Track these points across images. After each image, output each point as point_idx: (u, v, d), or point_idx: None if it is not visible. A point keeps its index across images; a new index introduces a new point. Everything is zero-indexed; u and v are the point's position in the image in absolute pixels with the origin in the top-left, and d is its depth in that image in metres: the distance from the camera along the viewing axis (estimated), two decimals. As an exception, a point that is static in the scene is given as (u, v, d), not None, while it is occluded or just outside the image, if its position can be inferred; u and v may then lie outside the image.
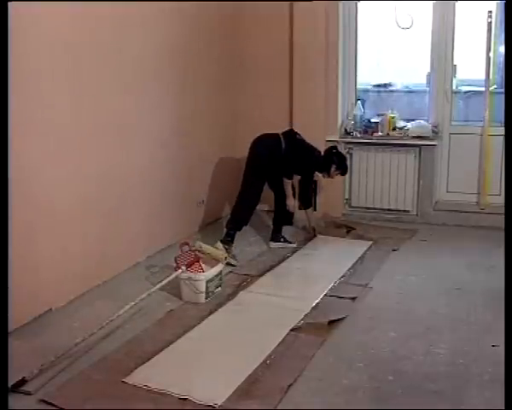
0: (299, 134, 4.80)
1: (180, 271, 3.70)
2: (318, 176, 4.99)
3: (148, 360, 2.98)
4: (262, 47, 5.62)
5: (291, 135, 4.77)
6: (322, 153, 4.85)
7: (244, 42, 5.66)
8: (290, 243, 4.82)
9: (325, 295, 3.80)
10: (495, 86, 5.39)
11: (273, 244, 4.79)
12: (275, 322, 3.41)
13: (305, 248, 4.82)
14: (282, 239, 4.81)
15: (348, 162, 5.53)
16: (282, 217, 4.87)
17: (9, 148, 2.80)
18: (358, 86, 5.75)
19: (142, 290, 3.70)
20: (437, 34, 5.31)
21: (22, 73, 3.19)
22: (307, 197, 4.92)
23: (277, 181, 4.73)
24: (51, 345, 3.08)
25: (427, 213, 5.46)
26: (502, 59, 5.27)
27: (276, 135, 4.68)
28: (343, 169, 4.85)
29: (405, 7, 5.49)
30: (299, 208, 4.92)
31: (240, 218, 4.57)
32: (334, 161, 4.76)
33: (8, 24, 2.63)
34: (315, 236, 5.03)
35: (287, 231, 4.92)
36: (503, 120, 4.62)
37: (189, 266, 3.76)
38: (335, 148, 4.86)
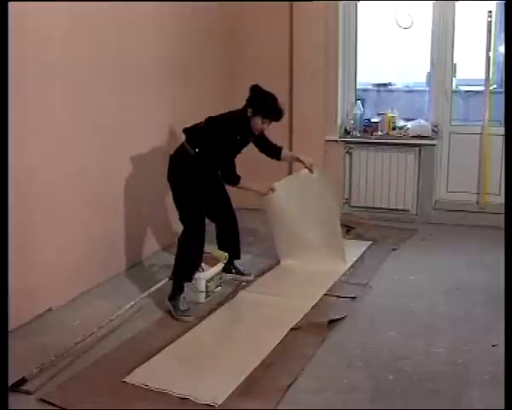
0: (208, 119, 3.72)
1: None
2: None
3: (148, 359, 2.98)
4: (262, 47, 5.62)
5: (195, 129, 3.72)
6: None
7: (244, 42, 5.65)
8: (244, 274, 4.09)
9: (325, 294, 3.81)
10: (495, 86, 5.40)
11: (223, 275, 3.99)
12: (275, 321, 3.41)
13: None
14: (233, 270, 4.08)
15: (348, 162, 5.58)
16: (229, 250, 4.00)
17: (9, 148, 2.81)
18: (358, 86, 5.75)
19: (142, 290, 3.71)
20: (437, 34, 5.31)
21: (22, 73, 3.20)
22: (270, 147, 4.01)
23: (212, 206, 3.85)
24: (51, 344, 3.08)
25: (426, 213, 5.46)
26: (502, 58, 5.28)
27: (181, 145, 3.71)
28: (263, 110, 3.57)
29: (405, 7, 5.50)
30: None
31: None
32: (251, 103, 3.59)
33: (8, 24, 2.63)
34: (310, 170, 4.07)
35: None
36: (502, 119, 4.64)
37: (188, 265, 3.76)
38: (256, 87, 3.68)
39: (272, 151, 4.04)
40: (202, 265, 3.81)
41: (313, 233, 4.23)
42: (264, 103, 3.58)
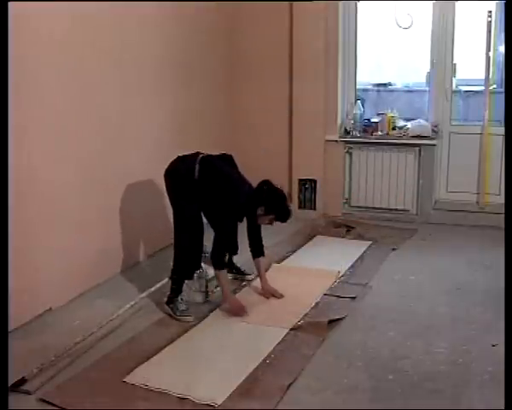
0: (231, 163, 3.76)
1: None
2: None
3: (148, 359, 2.98)
4: (262, 47, 5.62)
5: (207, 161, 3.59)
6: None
7: (244, 42, 5.66)
8: (244, 274, 4.08)
9: (325, 294, 3.81)
10: (495, 86, 5.40)
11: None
12: (274, 321, 3.41)
13: (304, 247, 4.82)
14: (234, 270, 4.08)
15: (348, 162, 5.59)
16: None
17: (9, 147, 2.81)
18: (358, 86, 5.75)
19: (142, 290, 3.70)
20: (437, 34, 5.31)
21: (22, 72, 3.20)
22: (255, 242, 3.80)
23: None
24: (51, 344, 3.09)
25: (426, 213, 5.46)
26: (501, 58, 5.28)
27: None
28: (277, 212, 3.53)
29: (405, 7, 5.50)
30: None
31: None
32: (263, 201, 3.52)
33: (8, 24, 2.63)
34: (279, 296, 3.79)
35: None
36: (502, 119, 4.64)
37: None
38: (267, 183, 3.60)
39: (253, 247, 3.81)
40: (202, 265, 3.81)
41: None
42: (278, 207, 3.55)
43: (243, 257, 4.17)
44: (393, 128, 5.51)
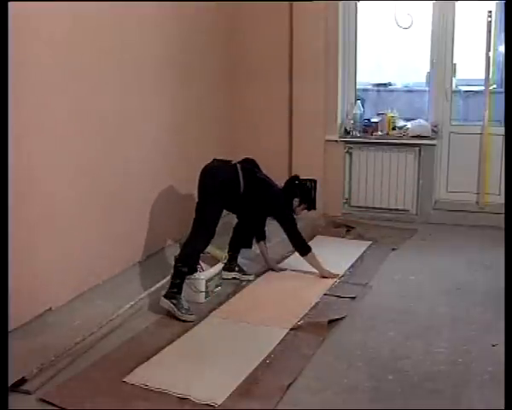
0: (257, 167, 4.08)
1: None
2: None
3: (148, 359, 2.98)
4: (262, 47, 5.62)
5: (250, 170, 3.94)
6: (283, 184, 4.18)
7: (244, 42, 5.66)
8: (245, 274, 4.15)
9: (325, 294, 3.81)
10: (494, 86, 5.40)
11: (225, 274, 4.06)
12: (274, 321, 3.41)
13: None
14: (236, 268, 4.15)
15: (348, 162, 5.59)
16: (241, 240, 4.23)
17: (9, 148, 2.81)
18: (358, 86, 5.75)
19: (142, 290, 3.70)
20: (437, 34, 5.31)
21: (22, 72, 3.20)
22: (299, 240, 4.09)
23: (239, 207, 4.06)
24: (51, 344, 3.08)
25: (426, 213, 5.46)
26: (501, 58, 5.28)
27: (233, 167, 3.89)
28: (309, 202, 4.17)
29: (405, 7, 5.51)
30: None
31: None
32: (297, 193, 4.11)
33: (8, 24, 2.63)
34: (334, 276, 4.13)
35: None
36: (502, 119, 4.64)
37: (188, 265, 3.75)
38: (297, 178, 4.20)
39: (300, 246, 4.12)
40: (202, 265, 3.81)
41: None
42: (309, 197, 4.17)
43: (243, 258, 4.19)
44: (393, 128, 5.51)
